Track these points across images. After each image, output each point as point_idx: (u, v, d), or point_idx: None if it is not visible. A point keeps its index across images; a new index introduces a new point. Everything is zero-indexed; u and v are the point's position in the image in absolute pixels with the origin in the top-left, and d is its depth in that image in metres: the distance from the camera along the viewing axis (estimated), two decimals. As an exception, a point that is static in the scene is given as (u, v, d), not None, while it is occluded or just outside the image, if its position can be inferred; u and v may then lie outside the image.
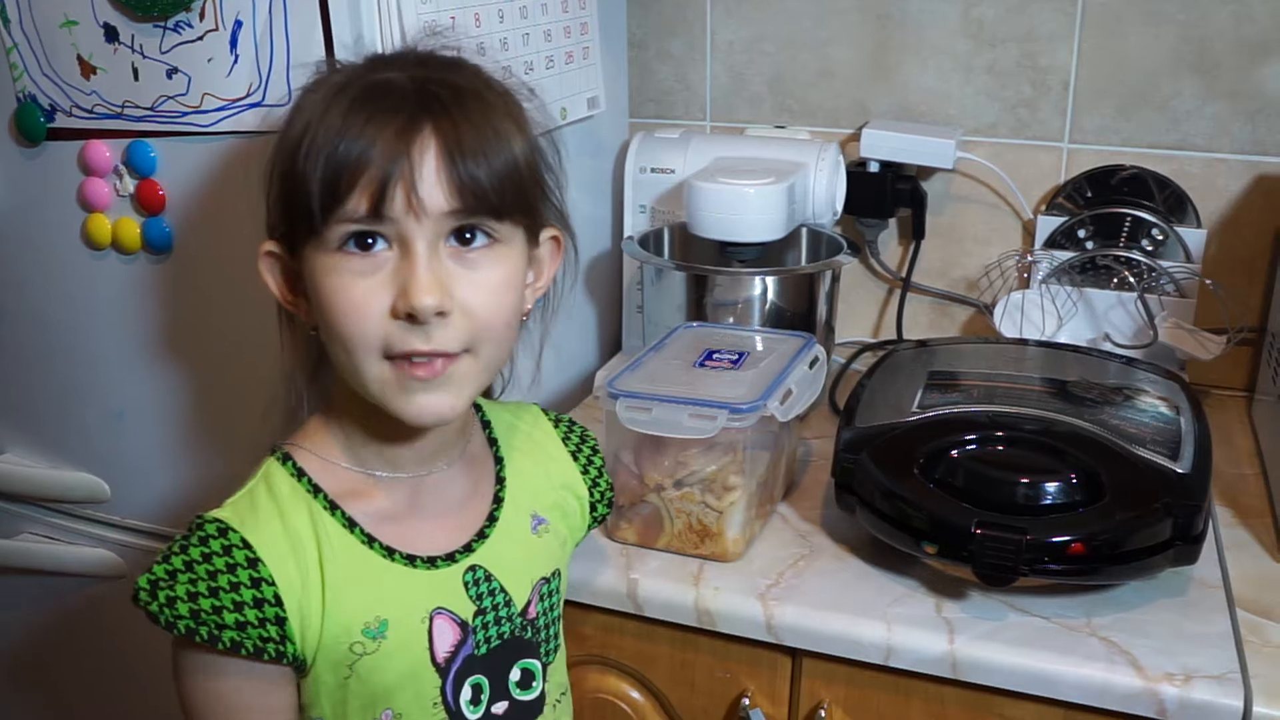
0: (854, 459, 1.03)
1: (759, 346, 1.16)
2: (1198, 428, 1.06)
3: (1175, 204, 1.40)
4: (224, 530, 0.76)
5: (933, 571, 1.01)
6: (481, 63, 0.82)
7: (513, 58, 1.23)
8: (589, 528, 0.97)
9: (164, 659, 0.79)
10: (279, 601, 0.75)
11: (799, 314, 1.33)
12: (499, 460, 0.90)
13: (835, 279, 1.36)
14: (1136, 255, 1.37)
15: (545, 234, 0.85)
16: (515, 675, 0.86)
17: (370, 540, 0.80)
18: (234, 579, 0.74)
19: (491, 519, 0.86)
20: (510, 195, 0.77)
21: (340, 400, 0.83)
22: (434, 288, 0.73)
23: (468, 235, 0.76)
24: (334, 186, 0.72)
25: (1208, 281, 1.34)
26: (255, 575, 0.75)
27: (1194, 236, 1.38)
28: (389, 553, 0.80)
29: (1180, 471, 0.98)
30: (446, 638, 0.82)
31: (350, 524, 0.80)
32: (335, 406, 0.83)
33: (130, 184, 1.15)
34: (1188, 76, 1.37)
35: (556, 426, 0.97)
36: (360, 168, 0.72)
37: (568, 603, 1.05)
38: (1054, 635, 0.93)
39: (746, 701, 1.03)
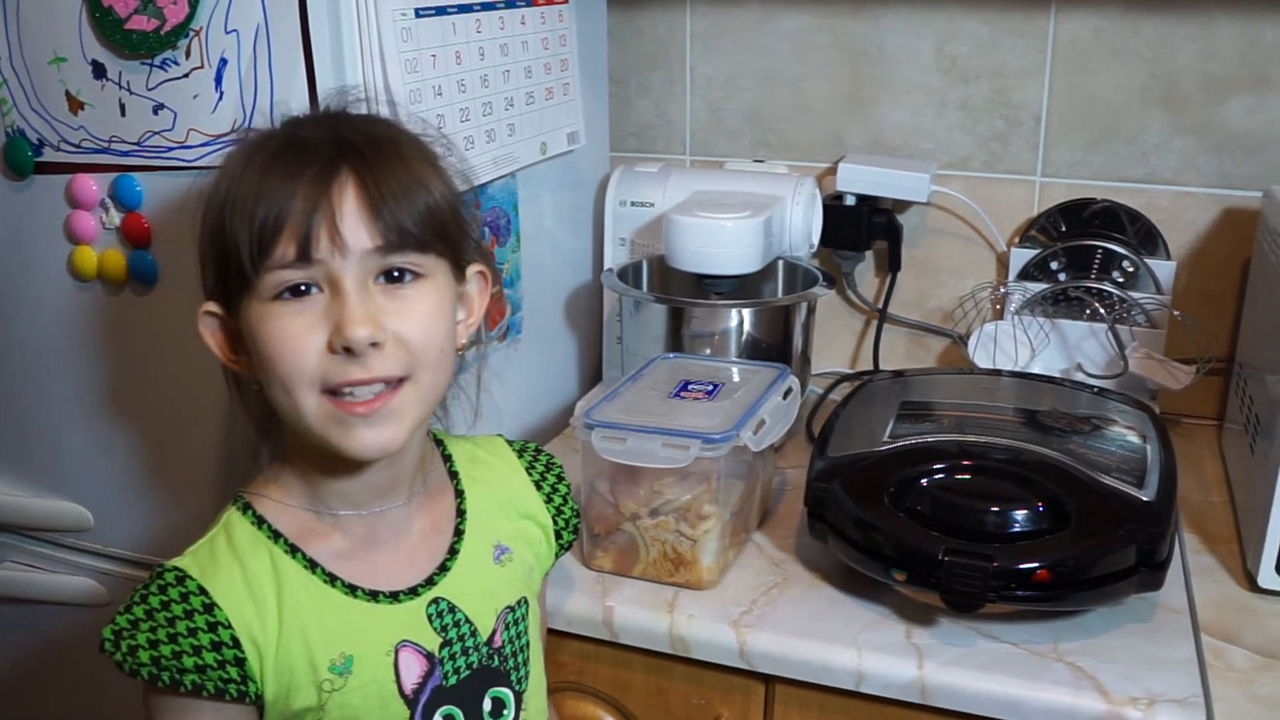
0: (826, 488, 1.05)
1: (735, 377, 1.18)
2: (1164, 456, 1.08)
3: (1145, 237, 1.43)
4: (181, 579, 0.78)
5: (903, 598, 1.02)
6: (395, 114, 0.85)
7: (494, 94, 1.25)
8: (556, 555, 0.98)
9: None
10: (237, 644, 0.77)
11: (775, 345, 1.35)
12: (460, 493, 0.91)
13: (811, 310, 1.38)
14: (1108, 287, 1.39)
15: (472, 269, 0.87)
16: (487, 705, 0.87)
17: (332, 579, 0.82)
18: (191, 624, 0.77)
19: (453, 551, 0.88)
20: (431, 231, 0.79)
21: (294, 445, 0.85)
22: (366, 320, 0.75)
23: (395, 274, 0.79)
24: (261, 238, 0.75)
25: (1176, 313, 1.36)
26: (212, 620, 0.77)
27: (1164, 268, 1.40)
28: (351, 590, 0.82)
29: (1145, 499, 1.00)
30: (413, 670, 0.83)
31: (311, 565, 0.82)
32: (290, 452, 0.85)
33: (116, 217, 1.17)
34: (1155, 112, 1.40)
35: (520, 456, 0.98)
36: (284, 216, 0.75)
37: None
38: (1021, 661, 0.95)
39: (721, 728, 1.05)
